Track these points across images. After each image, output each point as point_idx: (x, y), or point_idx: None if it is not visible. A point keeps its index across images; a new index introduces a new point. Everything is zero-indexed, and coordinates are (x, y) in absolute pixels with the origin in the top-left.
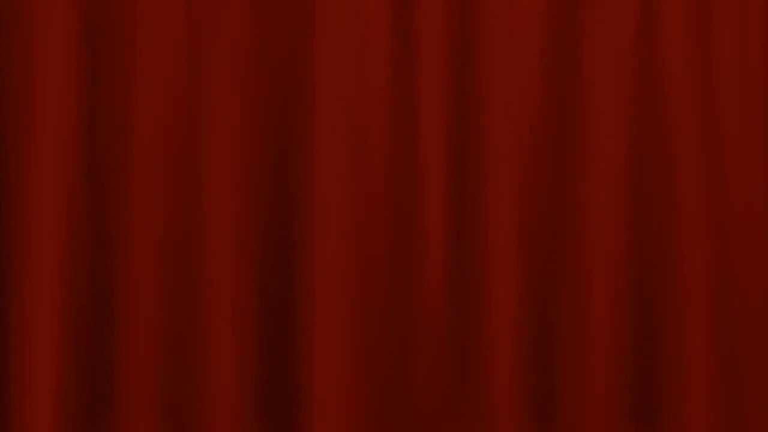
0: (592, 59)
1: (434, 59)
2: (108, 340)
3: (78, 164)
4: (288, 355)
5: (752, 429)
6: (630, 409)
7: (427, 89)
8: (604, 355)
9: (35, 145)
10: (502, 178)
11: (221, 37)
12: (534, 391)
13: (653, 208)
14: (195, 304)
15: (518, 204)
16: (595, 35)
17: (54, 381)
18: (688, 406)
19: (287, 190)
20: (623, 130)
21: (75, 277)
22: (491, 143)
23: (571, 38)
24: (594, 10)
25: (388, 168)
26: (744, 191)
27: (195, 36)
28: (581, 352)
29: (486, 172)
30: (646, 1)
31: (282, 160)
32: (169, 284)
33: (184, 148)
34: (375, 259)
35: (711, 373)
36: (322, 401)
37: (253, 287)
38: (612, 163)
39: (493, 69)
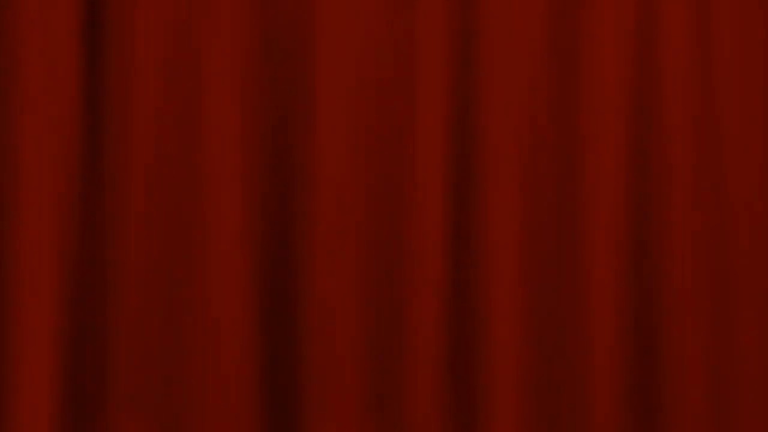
0: (592, 59)
1: (434, 59)
2: (106, 340)
3: (77, 163)
4: (289, 356)
5: (751, 429)
6: (630, 409)
7: (427, 89)
8: (604, 355)
9: (34, 145)
10: (502, 178)
11: (221, 37)
12: (534, 391)
13: (653, 207)
14: (195, 303)
15: (518, 204)
16: (595, 35)
17: (51, 381)
18: (688, 406)
19: (288, 190)
20: (623, 130)
21: (72, 276)
22: (491, 143)
23: (571, 38)
24: (594, 10)
25: (389, 167)
26: (744, 191)
27: (195, 36)
28: (581, 352)
29: (486, 172)
30: (646, 1)
31: (282, 160)
32: (168, 284)
33: (184, 148)
34: (375, 258)
35: (711, 373)
36: (323, 401)
37: (253, 286)
38: (612, 163)
39: (493, 69)
